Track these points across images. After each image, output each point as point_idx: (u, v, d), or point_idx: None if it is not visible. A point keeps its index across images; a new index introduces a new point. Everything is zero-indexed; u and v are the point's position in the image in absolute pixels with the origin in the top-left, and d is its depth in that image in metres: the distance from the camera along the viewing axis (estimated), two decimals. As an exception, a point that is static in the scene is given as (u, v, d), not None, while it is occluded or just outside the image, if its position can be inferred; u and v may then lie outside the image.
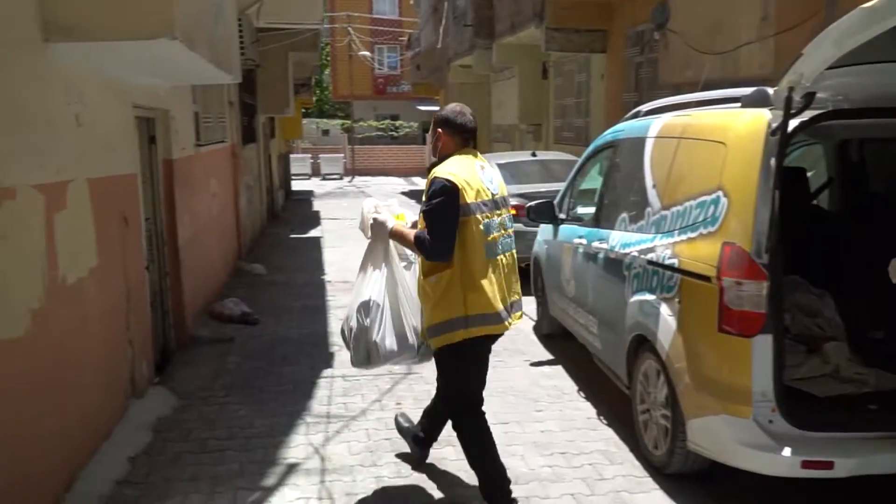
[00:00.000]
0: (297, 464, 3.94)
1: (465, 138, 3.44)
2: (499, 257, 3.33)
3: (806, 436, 3.13)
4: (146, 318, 5.14)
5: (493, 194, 3.36)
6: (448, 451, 4.08)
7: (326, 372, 5.50)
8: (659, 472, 3.77)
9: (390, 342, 3.45)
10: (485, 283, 3.21)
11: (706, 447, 3.39)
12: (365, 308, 3.44)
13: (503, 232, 3.39)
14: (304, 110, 28.82)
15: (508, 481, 3.38)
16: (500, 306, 3.26)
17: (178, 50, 3.59)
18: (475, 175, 3.30)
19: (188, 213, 6.51)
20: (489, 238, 3.26)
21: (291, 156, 26.11)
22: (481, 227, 3.22)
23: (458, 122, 3.44)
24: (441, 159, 3.41)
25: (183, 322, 6.15)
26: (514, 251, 3.50)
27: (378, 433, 4.35)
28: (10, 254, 2.98)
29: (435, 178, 3.23)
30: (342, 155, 31.37)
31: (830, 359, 3.86)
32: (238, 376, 5.43)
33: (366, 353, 3.47)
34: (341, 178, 29.29)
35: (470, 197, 3.19)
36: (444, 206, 3.15)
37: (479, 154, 3.47)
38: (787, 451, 3.07)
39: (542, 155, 10.20)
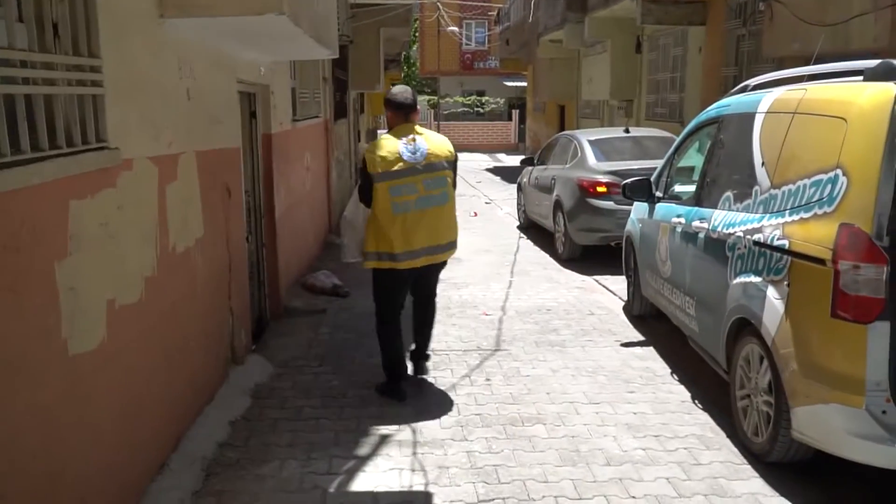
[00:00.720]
0: (389, 435, 4.02)
1: (404, 113, 4.44)
2: (410, 212, 4.27)
3: (925, 430, 2.95)
4: (245, 287, 5.32)
5: (413, 163, 4.28)
6: (539, 430, 4.07)
7: (412, 346, 5.56)
8: (759, 460, 3.65)
9: (351, 249, 4.71)
10: (390, 231, 4.26)
11: (813, 436, 3.24)
12: (344, 220, 4.78)
13: (421, 193, 4.28)
14: (391, 86, 29.08)
15: (405, 367, 4.68)
16: (400, 248, 4.29)
17: (284, 25, 3.67)
18: (394, 148, 4.28)
19: (284, 186, 6.69)
20: (396, 199, 4.24)
21: (379, 132, 26.46)
22: (388, 191, 4.24)
23: (397, 100, 4.46)
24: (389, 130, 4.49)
25: (277, 293, 6.35)
26: (446, 204, 4.42)
27: (468, 408, 4.38)
28: (126, 224, 3.13)
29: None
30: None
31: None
32: (330, 347, 5.57)
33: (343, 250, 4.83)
34: (427, 155, 29.41)
35: (379, 167, 4.25)
36: (360, 174, 4.43)
37: (417, 127, 4.42)
38: (903, 445, 2.91)
39: (635, 131, 9.93)
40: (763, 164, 3.93)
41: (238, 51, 4.89)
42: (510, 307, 6.72)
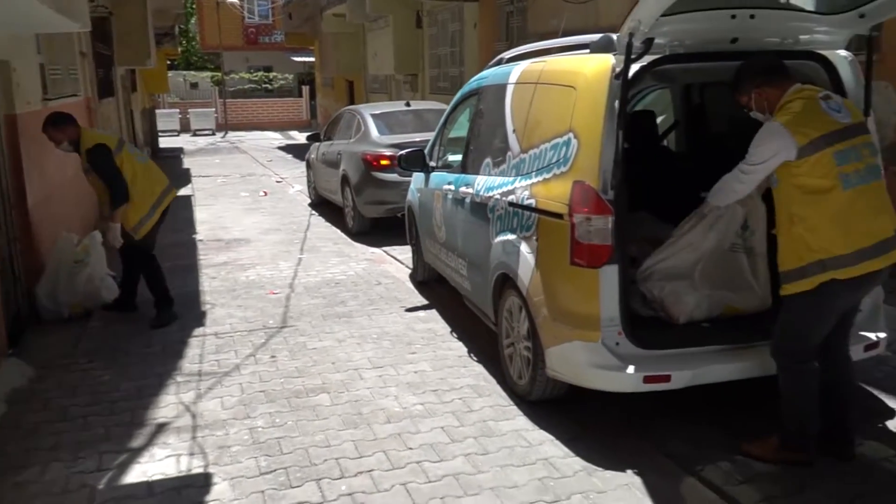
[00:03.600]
0: (167, 423, 3.89)
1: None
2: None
3: (647, 354, 3.42)
4: (-6, 284, 4.83)
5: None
6: (323, 398, 4.15)
7: (198, 331, 5.40)
8: (523, 401, 4.00)
9: None
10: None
11: (562, 372, 3.63)
12: None
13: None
14: (169, 62, 27.36)
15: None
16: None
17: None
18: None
19: (38, 172, 6.10)
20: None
21: (157, 111, 24.81)
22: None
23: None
24: None
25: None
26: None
27: (252, 386, 4.34)
28: None
29: None
30: (213, 109, 30.06)
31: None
32: (101, 341, 5.23)
33: None
34: (213, 134, 28.13)
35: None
36: None
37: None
38: (631, 369, 3.35)
39: (416, 105, 10.21)
40: (514, 130, 4.26)
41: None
42: (298, 284, 6.71)
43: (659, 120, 5.85)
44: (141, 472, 3.40)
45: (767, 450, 3.29)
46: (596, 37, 3.84)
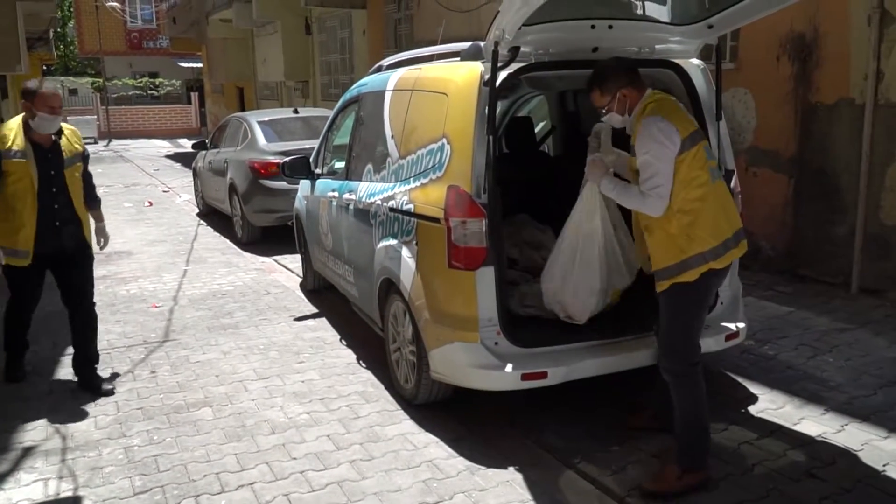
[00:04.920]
0: (35, 446, 3.69)
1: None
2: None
3: (524, 352, 3.53)
4: None
5: None
6: (205, 412, 4.05)
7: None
8: (410, 405, 4.05)
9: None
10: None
11: (445, 374, 3.69)
12: None
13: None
14: (45, 67, 25.88)
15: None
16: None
17: None
18: None
19: None
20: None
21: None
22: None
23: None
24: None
25: None
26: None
27: (129, 404, 4.19)
28: None
29: None
30: (95, 117, 28.66)
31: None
32: (-35, 364, 4.89)
33: None
34: (96, 142, 26.80)
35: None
36: None
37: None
38: (509, 368, 3.45)
39: (305, 111, 10.12)
40: (392, 136, 4.32)
41: None
42: (183, 296, 6.51)
43: (539, 126, 6.07)
44: (4, 499, 3.21)
45: (668, 482, 3.12)
46: (466, 45, 3.96)
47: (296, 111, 9.89)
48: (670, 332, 3.17)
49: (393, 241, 4.09)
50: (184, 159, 20.03)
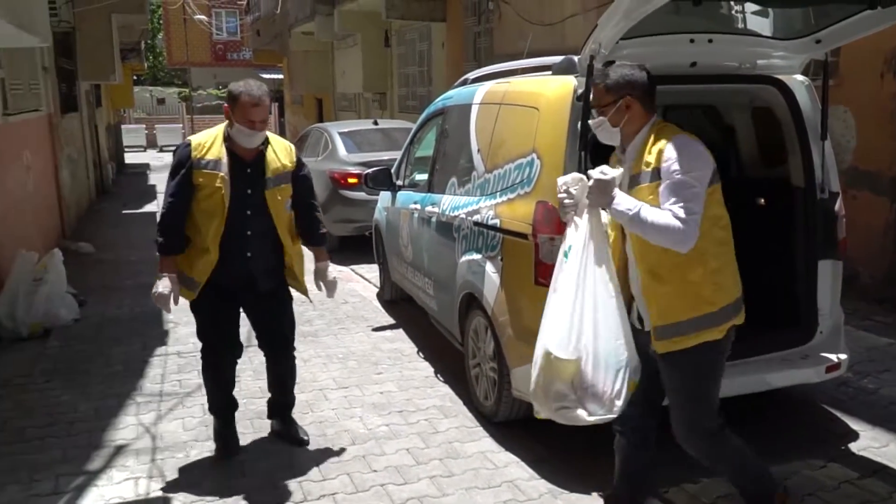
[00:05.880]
0: (126, 445, 3.81)
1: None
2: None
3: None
4: (-51, 303, 4.69)
5: None
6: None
7: (160, 350, 5.31)
8: (489, 422, 4.00)
9: None
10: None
11: (528, 392, 3.61)
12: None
13: None
14: (135, 77, 27.06)
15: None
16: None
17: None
18: None
19: (-3, 188, 5.99)
20: None
21: (123, 126, 24.53)
22: None
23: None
24: None
25: (-4, 306, 5.64)
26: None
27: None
28: None
29: None
30: (181, 125, 29.80)
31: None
32: (61, 361, 5.11)
33: None
34: (180, 150, 27.82)
35: None
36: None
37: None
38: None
39: (384, 123, 10.23)
40: (479, 150, 4.29)
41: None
42: (264, 302, 6.64)
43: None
44: (98, 495, 3.32)
45: None
46: (558, 59, 3.90)
47: (375, 122, 10.01)
48: (692, 400, 2.68)
49: (476, 256, 4.06)
50: (263, 167, 20.56)
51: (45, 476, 3.47)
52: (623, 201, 2.55)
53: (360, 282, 7.53)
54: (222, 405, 3.73)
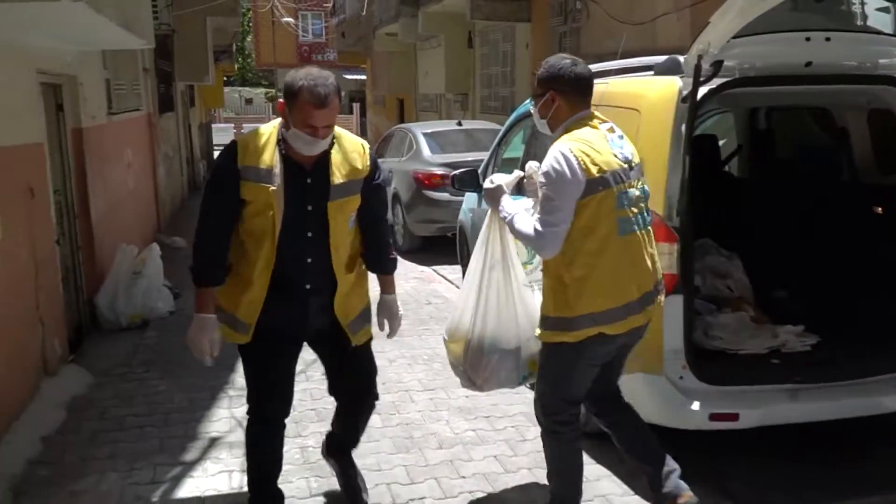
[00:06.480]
0: (220, 437, 3.90)
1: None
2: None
3: (714, 390, 3.28)
4: (57, 294, 4.94)
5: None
6: (374, 419, 4.08)
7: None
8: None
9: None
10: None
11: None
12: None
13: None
14: (225, 78, 27.99)
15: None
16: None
17: (82, 11, 3.42)
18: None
19: (101, 184, 6.26)
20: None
21: (213, 125, 25.40)
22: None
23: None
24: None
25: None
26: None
27: (303, 404, 4.32)
28: None
29: None
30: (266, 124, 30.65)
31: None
32: (157, 352, 5.30)
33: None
34: (266, 149, 28.62)
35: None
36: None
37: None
38: (695, 405, 3.22)
39: (468, 124, 10.22)
40: (573, 153, 4.18)
41: (36, 39, 4.50)
42: (349, 300, 6.71)
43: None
44: (194, 486, 3.40)
45: None
46: (660, 58, 3.77)
47: (459, 123, 10.01)
48: (546, 386, 2.90)
49: (569, 261, 3.96)
50: (345, 167, 20.92)
51: (144, 465, 3.59)
52: (506, 207, 2.89)
53: (442, 283, 7.53)
54: (263, 497, 2.98)
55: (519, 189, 3.16)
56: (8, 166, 4.00)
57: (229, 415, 4.18)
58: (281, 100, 2.65)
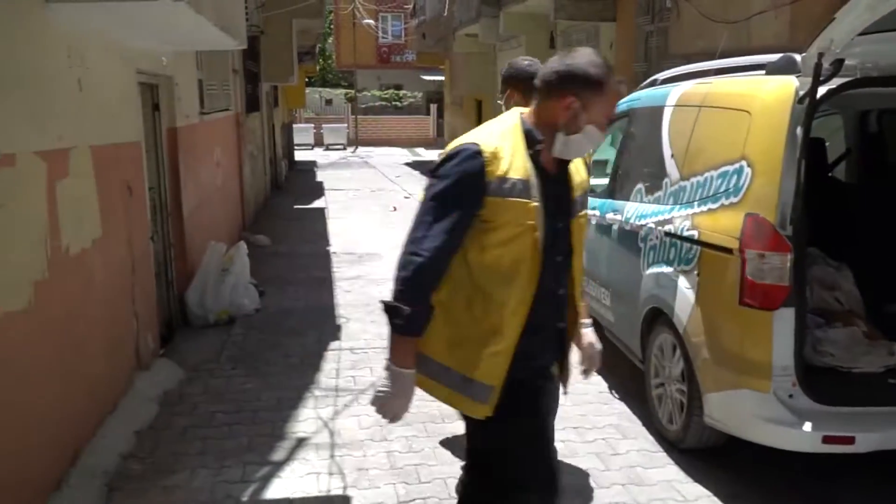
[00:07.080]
0: (306, 438, 3.89)
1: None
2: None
3: (827, 410, 3.07)
4: (151, 289, 5.06)
5: None
6: (459, 427, 4.01)
7: (334, 344, 5.44)
8: (673, 447, 3.72)
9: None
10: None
11: (724, 422, 3.32)
12: None
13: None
14: (307, 79, 28.56)
15: None
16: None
17: (183, 12, 3.47)
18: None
19: (193, 183, 6.42)
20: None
21: (294, 125, 25.93)
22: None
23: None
24: None
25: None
26: None
27: (387, 407, 4.29)
28: (10, 223, 2.89)
29: None
30: (345, 125, 31.12)
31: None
32: (244, 349, 5.37)
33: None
34: (345, 149, 29.08)
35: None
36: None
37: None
38: (807, 426, 3.01)
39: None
40: (672, 156, 4.01)
41: (137, 40, 4.62)
42: (429, 302, 6.67)
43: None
44: (282, 487, 3.40)
45: None
46: (771, 57, 3.56)
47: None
48: None
49: (667, 269, 3.79)
50: (421, 167, 21.02)
51: (233, 463, 3.61)
52: None
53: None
54: None
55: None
56: (109, 165, 4.11)
57: (315, 415, 4.18)
58: (571, 97, 2.00)
